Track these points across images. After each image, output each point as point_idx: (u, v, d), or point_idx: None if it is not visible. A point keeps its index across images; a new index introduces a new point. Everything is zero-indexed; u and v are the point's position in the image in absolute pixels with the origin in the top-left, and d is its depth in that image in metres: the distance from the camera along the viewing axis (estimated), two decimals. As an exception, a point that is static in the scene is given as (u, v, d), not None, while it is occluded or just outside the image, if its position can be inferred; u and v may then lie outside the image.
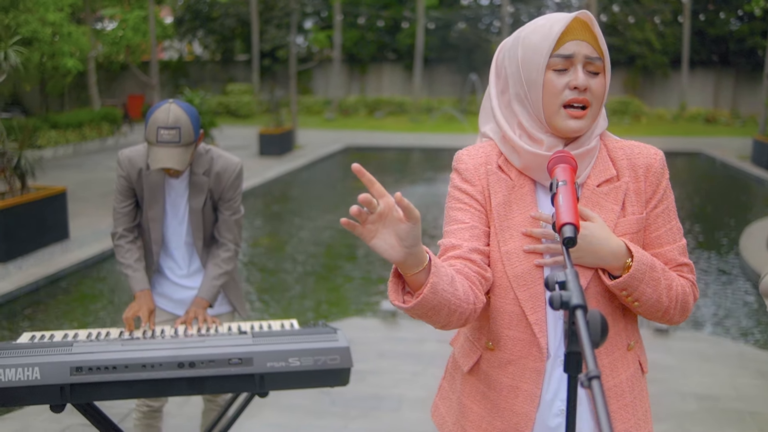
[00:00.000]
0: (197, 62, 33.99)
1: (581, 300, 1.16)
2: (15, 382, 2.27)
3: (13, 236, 8.20)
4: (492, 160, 1.77)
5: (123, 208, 3.07)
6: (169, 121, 2.80)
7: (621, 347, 1.75)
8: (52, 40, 16.30)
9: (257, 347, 2.43)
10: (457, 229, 1.74)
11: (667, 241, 1.76)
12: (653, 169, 1.75)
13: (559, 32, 1.64)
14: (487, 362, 1.77)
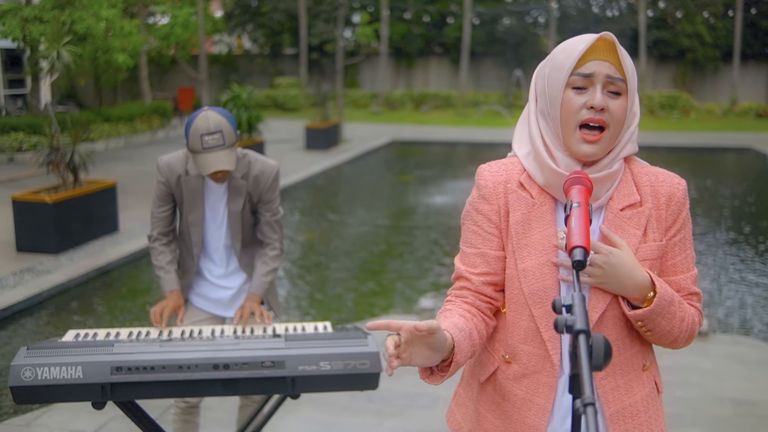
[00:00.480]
0: (246, 56, 34.36)
1: (585, 325, 1.21)
2: (59, 380, 2.38)
3: (66, 229, 8.45)
4: (513, 177, 1.81)
5: (161, 213, 3.19)
6: (211, 127, 2.91)
7: (636, 368, 1.79)
8: (105, 35, 16.66)
9: (289, 351, 2.51)
10: (470, 253, 1.83)
11: (682, 269, 1.79)
12: (675, 199, 1.77)
13: (582, 51, 1.67)
14: (503, 374, 1.82)
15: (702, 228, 10.38)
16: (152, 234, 3.22)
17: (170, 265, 3.17)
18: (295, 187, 13.69)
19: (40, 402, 2.44)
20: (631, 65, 1.71)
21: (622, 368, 1.76)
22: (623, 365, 1.76)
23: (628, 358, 1.77)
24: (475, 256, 1.81)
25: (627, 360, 1.77)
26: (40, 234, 8.38)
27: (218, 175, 3.03)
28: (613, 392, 1.75)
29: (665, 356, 5.17)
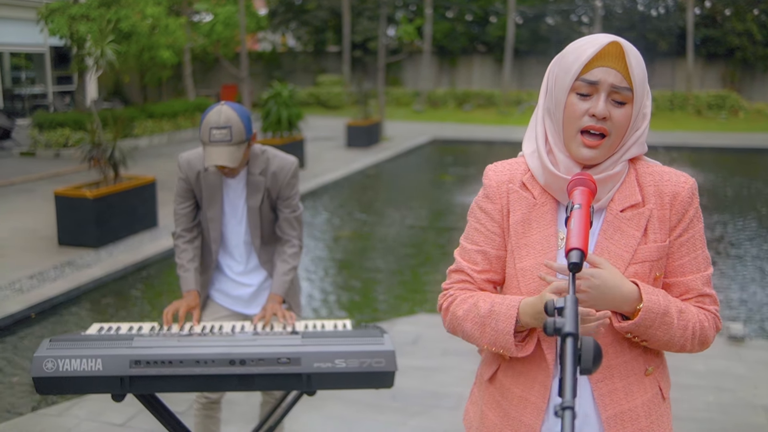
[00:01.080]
0: (290, 53, 34.59)
1: (573, 328, 1.20)
2: (79, 372, 2.43)
3: (106, 224, 8.60)
4: (516, 177, 1.81)
5: (182, 209, 3.23)
6: (221, 122, 2.93)
7: (637, 372, 1.75)
8: (150, 33, 16.91)
9: (305, 348, 2.52)
10: (471, 250, 1.84)
11: (691, 270, 1.75)
12: (680, 197, 1.74)
13: (590, 56, 1.64)
14: (504, 372, 1.82)
15: (748, 233, 10.18)
16: (176, 231, 3.26)
17: (191, 263, 3.20)
18: (334, 184, 13.75)
19: (61, 393, 2.50)
20: (641, 72, 1.67)
21: (621, 372, 1.74)
22: (621, 369, 1.74)
23: (626, 361, 1.74)
24: (476, 253, 1.82)
25: (626, 363, 1.74)
26: (81, 229, 8.55)
27: (225, 171, 3.06)
28: (610, 395, 1.73)
29: (698, 360, 5.09)
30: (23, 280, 7.26)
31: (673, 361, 4.94)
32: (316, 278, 7.98)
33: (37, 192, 11.73)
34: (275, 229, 3.28)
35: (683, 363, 5.07)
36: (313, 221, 10.94)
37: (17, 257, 8.08)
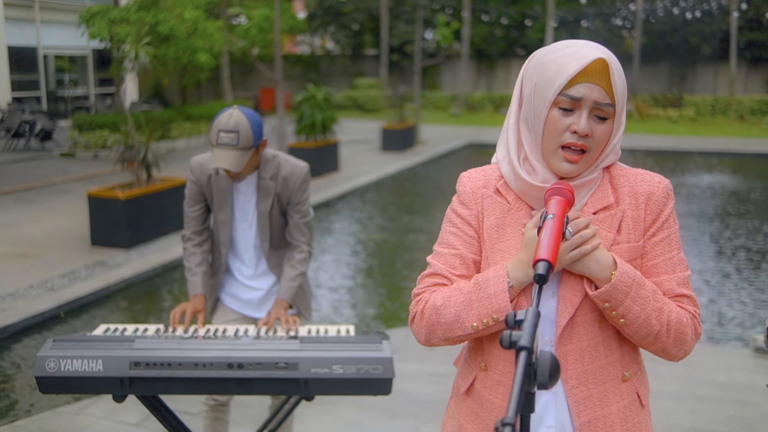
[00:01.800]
0: (328, 57, 34.76)
1: (528, 342, 1.18)
2: (80, 372, 2.47)
3: (137, 225, 8.73)
4: (491, 183, 1.79)
5: (193, 212, 3.26)
6: (230, 125, 2.96)
7: (614, 378, 1.72)
8: (188, 36, 17.12)
9: (303, 353, 2.53)
10: (448, 254, 1.79)
11: (665, 270, 1.71)
12: (654, 197, 1.72)
13: (575, 72, 1.61)
14: (481, 383, 1.79)
15: (782, 239, 9.98)
16: (185, 233, 3.29)
17: (198, 267, 3.23)
18: (366, 187, 13.77)
19: (63, 392, 2.53)
20: (623, 86, 1.65)
21: (596, 377, 1.70)
22: (597, 374, 1.70)
23: (602, 366, 1.71)
24: (453, 257, 1.78)
25: (601, 369, 1.71)
26: (112, 229, 8.68)
27: (231, 174, 3.08)
28: (584, 402, 1.70)
29: (720, 372, 5.00)
30: (55, 279, 7.39)
31: (692, 371, 4.87)
32: (344, 281, 8.00)
33: (74, 192, 11.94)
34: (285, 234, 3.29)
35: (703, 373, 4.99)
36: (343, 224, 10.98)
37: (51, 256, 8.24)
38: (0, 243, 8.83)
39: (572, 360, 1.69)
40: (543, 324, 1.70)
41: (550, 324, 1.70)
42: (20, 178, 13.47)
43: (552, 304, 1.70)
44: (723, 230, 10.54)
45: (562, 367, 1.69)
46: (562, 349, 1.69)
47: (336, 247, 9.60)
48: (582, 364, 1.69)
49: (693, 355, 5.33)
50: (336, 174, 14.64)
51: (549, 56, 1.68)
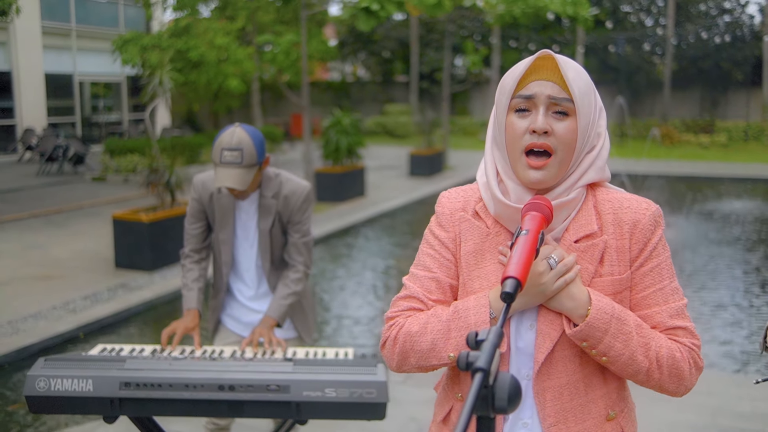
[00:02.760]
0: (358, 83, 34.99)
1: (485, 364, 1.12)
2: (70, 392, 2.45)
3: (160, 247, 8.77)
4: (470, 206, 1.72)
5: (193, 230, 3.25)
6: (233, 143, 2.94)
7: (596, 416, 1.63)
8: (219, 62, 17.31)
9: (296, 375, 2.49)
10: (424, 277, 1.72)
11: (656, 302, 1.62)
12: (641, 225, 1.62)
13: (522, 72, 1.57)
14: (456, 413, 1.71)
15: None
16: (184, 250, 3.28)
17: (195, 283, 3.21)
18: (392, 212, 13.74)
19: (53, 412, 2.52)
20: (582, 82, 1.58)
21: (576, 416, 1.61)
22: (576, 412, 1.61)
23: (583, 404, 1.62)
24: (429, 281, 1.71)
25: (581, 406, 1.62)
26: (136, 252, 8.74)
27: (235, 193, 3.06)
28: None
29: (744, 401, 4.85)
30: (77, 300, 7.44)
31: (714, 400, 4.73)
32: (366, 307, 7.95)
33: (103, 216, 12.06)
34: (284, 255, 3.26)
35: (724, 402, 4.85)
36: (367, 249, 10.94)
37: (75, 278, 8.31)
38: (27, 265, 8.94)
39: (550, 397, 1.61)
40: (520, 357, 1.63)
41: (528, 357, 1.62)
42: (51, 201, 13.66)
43: (530, 337, 1.62)
44: (753, 258, 10.32)
45: (540, 405, 1.61)
46: (540, 385, 1.61)
47: (359, 272, 9.56)
48: (561, 401, 1.61)
49: (716, 384, 5.20)
50: (362, 199, 14.64)
51: (506, 73, 1.65)
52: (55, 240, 10.45)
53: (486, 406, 1.13)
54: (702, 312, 7.44)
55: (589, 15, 16.91)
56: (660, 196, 15.69)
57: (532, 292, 1.56)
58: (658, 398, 4.80)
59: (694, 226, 12.64)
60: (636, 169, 17.72)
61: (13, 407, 5.12)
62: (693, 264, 9.65)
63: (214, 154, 2.99)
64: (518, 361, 1.63)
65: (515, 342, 1.62)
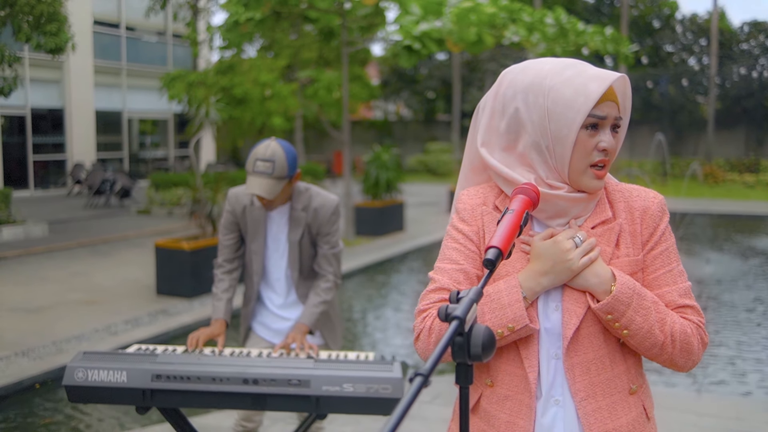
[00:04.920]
0: (400, 122, 35.39)
1: (461, 314, 1.25)
2: (106, 382, 2.62)
3: (201, 275, 8.99)
4: (489, 200, 1.84)
5: (226, 241, 3.43)
6: (267, 155, 3.13)
7: (622, 390, 1.74)
8: (263, 99, 17.74)
9: (316, 371, 2.62)
10: (452, 269, 1.80)
11: (666, 282, 1.75)
12: (650, 212, 1.77)
13: (601, 93, 1.66)
14: (487, 399, 1.80)
15: None
16: (218, 261, 3.46)
17: (224, 293, 3.37)
18: (429, 247, 13.84)
19: (89, 402, 2.68)
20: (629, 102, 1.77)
21: (604, 390, 1.72)
22: (605, 386, 1.72)
23: (609, 379, 1.73)
24: (457, 272, 1.79)
25: (608, 381, 1.73)
26: (177, 279, 8.97)
27: (264, 202, 3.23)
28: (594, 414, 1.71)
29: None
30: (119, 324, 7.67)
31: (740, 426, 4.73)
32: (397, 335, 8.05)
33: (146, 246, 12.38)
34: (314, 265, 3.41)
35: (751, 428, 4.83)
36: (405, 281, 11.06)
37: (118, 304, 8.56)
38: (72, 290, 9.23)
39: (579, 372, 1.71)
40: (549, 337, 1.73)
41: (555, 337, 1.73)
42: (97, 232, 14.07)
43: (557, 317, 1.73)
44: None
45: (571, 380, 1.72)
46: (569, 362, 1.71)
47: (393, 303, 9.67)
48: (589, 376, 1.71)
49: (745, 410, 5.18)
50: (400, 233, 14.78)
51: (551, 81, 1.70)
52: (99, 268, 10.77)
53: (463, 354, 1.26)
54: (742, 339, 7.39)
55: (629, 51, 17.03)
56: (701, 233, 15.57)
57: (559, 268, 1.68)
58: (683, 420, 4.82)
59: (735, 262, 12.52)
60: (675, 206, 17.58)
61: (45, 421, 5.30)
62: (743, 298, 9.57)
63: (248, 164, 3.18)
64: (547, 341, 1.74)
65: (543, 323, 1.74)
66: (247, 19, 12.87)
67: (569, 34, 15.75)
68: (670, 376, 6.35)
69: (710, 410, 5.19)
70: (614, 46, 16.75)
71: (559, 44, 16.08)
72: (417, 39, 12.27)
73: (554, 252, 1.67)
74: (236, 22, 12.95)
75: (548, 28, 15.12)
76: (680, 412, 5.12)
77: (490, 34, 13.32)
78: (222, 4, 15.00)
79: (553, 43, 16.17)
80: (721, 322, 8.23)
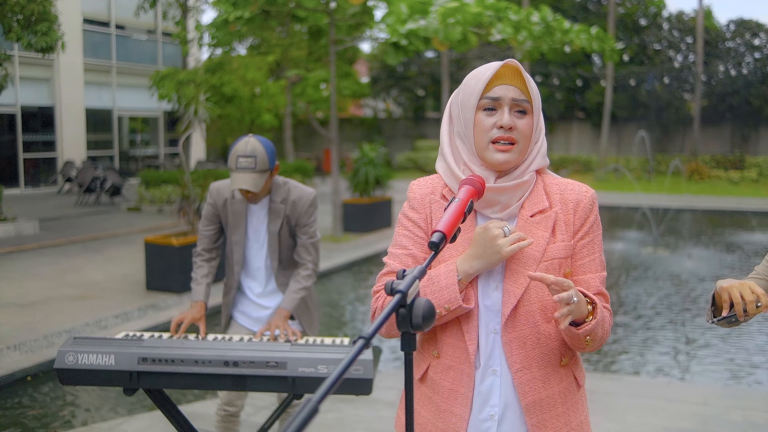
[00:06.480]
0: (390, 119, 35.55)
1: (404, 288, 1.44)
2: (95, 365, 2.79)
3: (190, 270, 9.07)
4: (437, 190, 2.04)
5: (206, 231, 3.62)
6: (248, 151, 3.31)
7: (554, 362, 1.94)
8: (252, 97, 17.91)
9: (292, 354, 2.80)
10: (401, 254, 2.02)
11: (590, 269, 1.95)
12: (582, 204, 1.96)
13: (489, 77, 1.90)
14: (434, 369, 2.00)
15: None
16: (197, 249, 3.64)
17: (204, 278, 3.57)
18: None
19: (80, 384, 2.85)
20: (536, 88, 1.93)
21: (539, 362, 1.92)
22: (539, 359, 1.92)
23: (544, 353, 1.92)
24: (406, 257, 2.01)
25: (543, 355, 1.92)
26: (167, 274, 9.12)
27: (249, 196, 3.41)
28: (529, 384, 1.91)
29: (736, 411, 5.04)
30: (109, 318, 7.82)
31: (706, 410, 4.92)
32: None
33: (136, 243, 12.53)
34: (293, 255, 3.59)
35: (718, 411, 5.04)
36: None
37: (108, 299, 8.71)
38: (63, 286, 9.37)
39: (516, 346, 1.90)
40: (488, 314, 1.93)
41: (495, 314, 1.92)
42: (88, 229, 14.19)
43: (497, 296, 1.92)
44: None
45: (508, 353, 1.91)
46: (506, 337, 1.91)
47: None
48: (525, 350, 1.91)
49: (711, 395, 5.39)
50: (388, 230, 14.96)
51: (468, 77, 1.98)
52: (90, 264, 10.91)
53: (406, 324, 1.45)
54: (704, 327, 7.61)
55: (614, 47, 17.24)
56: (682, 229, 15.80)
57: (489, 252, 1.86)
58: (654, 406, 5.02)
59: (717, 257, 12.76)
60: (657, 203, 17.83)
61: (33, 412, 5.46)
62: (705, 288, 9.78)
63: (230, 162, 3.36)
64: (486, 317, 1.93)
65: (483, 301, 1.93)
66: (236, 18, 13.02)
67: (555, 32, 15.92)
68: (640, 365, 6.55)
69: (678, 396, 5.39)
70: (599, 44, 16.95)
71: (545, 42, 16.28)
72: (403, 36, 12.44)
73: (484, 238, 1.85)
74: (225, 21, 13.10)
75: (534, 26, 15.30)
76: (649, 398, 5.32)
77: (476, 33, 13.50)
78: (212, 2, 15.15)
79: (540, 41, 16.36)
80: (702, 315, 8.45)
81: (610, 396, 5.34)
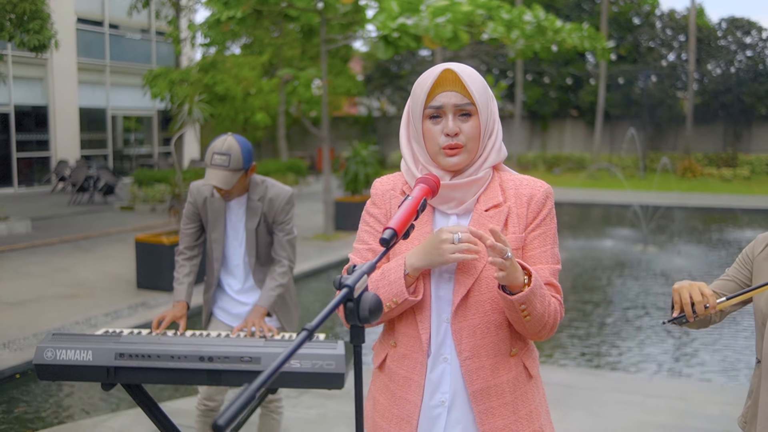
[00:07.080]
0: (384, 118, 35.61)
1: (351, 282, 1.51)
2: (73, 360, 2.85)
3: (179, 269, 9.19)
4: (398, 186, 2.12)
5: (187, 229, 3.68)
6: (223, 149, 3.38)
7: (503, 352, 2.00)
8: (245, 96, 17.95)
9: (266, 349, 2.87)
10: (362, 249, 2.10)
11: (541, 260, 2.01)
12: (536, 199, 2.02)
13: (430, 86, 1.96)
14: (391, 358, 2.08)
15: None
16: (179, 248, 3.70)
17: (186, 277, 3.63)
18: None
19: (58, 379, 2.91)
20: (479, 86, 1.97)
21: (488, 351, 1.98)
22: (489, 348, 1.98)
23: (494, 342, 1.98)
24: (367, 252, 2.09)
25: (492, 344, 1.98)
26: (157, 273, 9.18)
27: (222, 192, 3.47)
28: (477, 372, 1.97)
29: (713, 405, 5.11)
30: (99, 316, 7.89)
31: (682, 405, 5.00)
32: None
33: (128, 242, 12.57)
34: (271, 252, 3.66)
35: (694, 406, 5.12)
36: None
37: (99, 297, 8.77)
38: (54, 284, 9.43)
39: (466, 335, 1.97)
40: (441, 304, 2.00)
41: (447, 303, 2.00)
42: (80, 228, 14.25)
43: (449, 286, 1.99)
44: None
45: (457, 341, 1.98)
46: (457, 325, 1.98)
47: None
48: (474, 338, 1.97)
49: (688, 390, 5.47)
50: (380, 228, 15.02)
51: (416, 83, 2.03)
52: (82, 263, 10.97)
53: (354, 317, 1.52)
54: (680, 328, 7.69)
55: (606, 46, 17.32)
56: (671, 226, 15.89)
57: (434, 253, 1.92)
58: (631, 401, 5.09)
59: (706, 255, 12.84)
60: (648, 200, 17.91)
61: (18, 410, 5.52)
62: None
63: (206, 158, 3.43)
64: (438, 306, 2.00)
65: (436, 291, 2.00)
66: (229, 17, 13.07)
67: (547, 31, 15.99)
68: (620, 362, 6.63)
69: (657, 391, 5.47)
70: (591, 43, 17.03)
71: (537, 41, 16.35)
72: (394, 30, 12.47)
73: (433, 240, 1.92)
74: (218, 20, 13.14)
75: (527, 25, 15.37)
76: (628, 393, 5.40)
77: (467, 31, 13.56)
78: (204, 1, 15.19)
79: (532, 40, 16.44)
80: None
81: (590, 391, 5.42)
